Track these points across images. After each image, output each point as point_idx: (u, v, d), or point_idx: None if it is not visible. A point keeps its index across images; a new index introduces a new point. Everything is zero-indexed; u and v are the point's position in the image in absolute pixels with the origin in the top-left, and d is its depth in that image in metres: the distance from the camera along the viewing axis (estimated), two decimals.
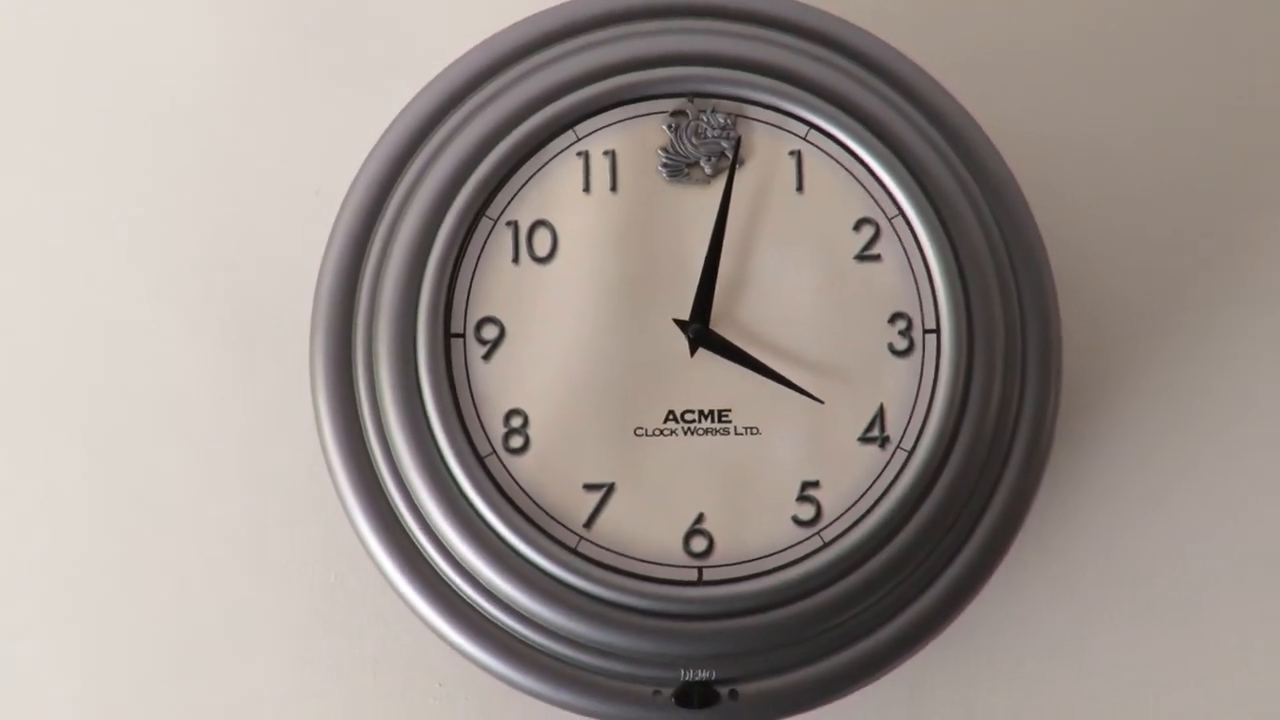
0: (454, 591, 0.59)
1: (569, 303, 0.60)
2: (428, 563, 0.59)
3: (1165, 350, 0.70)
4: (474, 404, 0.59)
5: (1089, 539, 0.68)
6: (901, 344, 0.60)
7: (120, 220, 0.69)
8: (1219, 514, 0.69)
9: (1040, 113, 0.70)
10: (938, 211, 0.60)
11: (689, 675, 0.58)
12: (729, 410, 0.59)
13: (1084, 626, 0.68)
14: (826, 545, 0.58)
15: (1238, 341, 0.70)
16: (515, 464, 0.59)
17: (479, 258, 0.60)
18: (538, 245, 0.60)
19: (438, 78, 0.63)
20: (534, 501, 0.59)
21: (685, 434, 0.59)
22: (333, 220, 0.62)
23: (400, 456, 0.59)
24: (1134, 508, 0.69)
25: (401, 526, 0.59)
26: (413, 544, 0.59)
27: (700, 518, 0.59)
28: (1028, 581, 0.68)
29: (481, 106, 0.62)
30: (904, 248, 0.61)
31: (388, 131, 0.62)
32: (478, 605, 0.59)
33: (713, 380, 0.59)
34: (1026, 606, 0.68)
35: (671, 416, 0.59)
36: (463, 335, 0.59)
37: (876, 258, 0.61)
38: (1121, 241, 0.71)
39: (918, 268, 0.61)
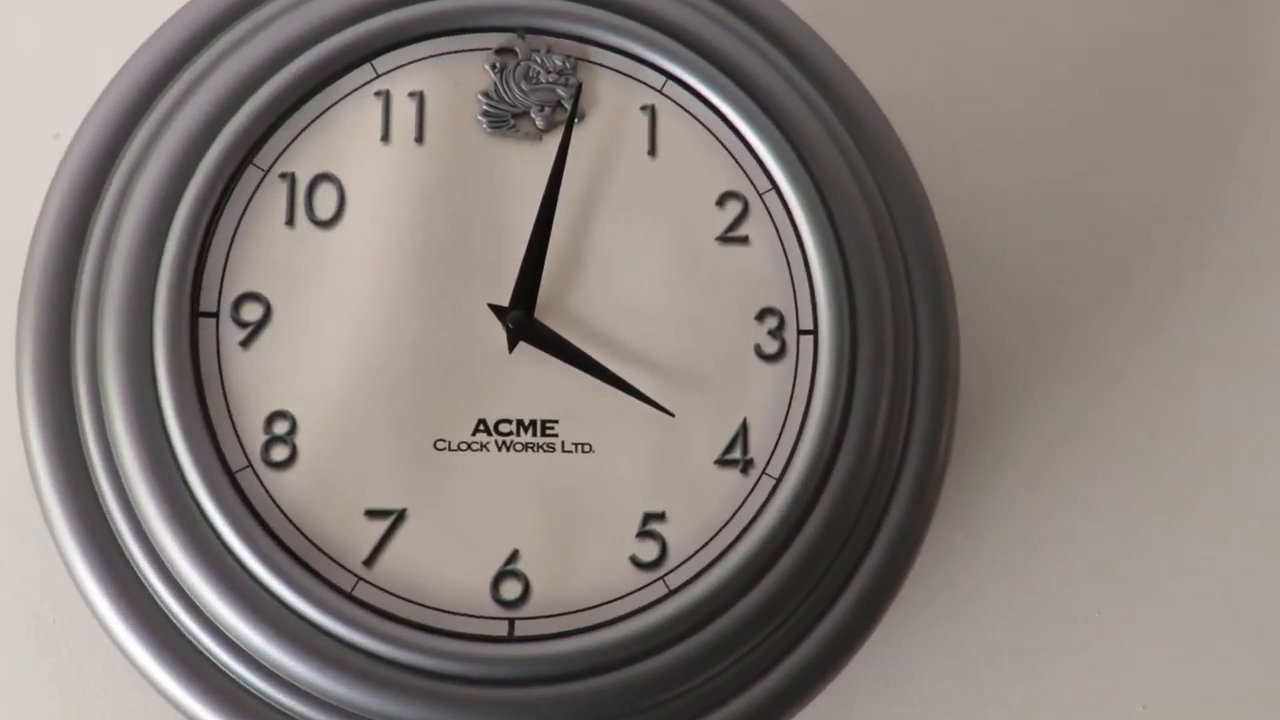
0: (195, 649, 0.51)
1: (356, 279, 0.52)
2: (162, 612, 0.51)
3: (1072, 354, 0.66)
4: (226, 403, 0.51)
5: (987, 586, 0.63)
6: (771, 346, 0.54)
7: None
8: (1136, 549, 0.64)
9: (937, 77, 0.66)
10: (818, 188, 0.54)
11: None
12: (555, 421, 0.52)
13: (982, 691, 0.62)
14: (672, 593, 0.51)
15: (1151, 338, 0.67)
16: (277, 482, 0.51)
17: (241, 218, 0.52)
18: (319, 205, 0.53)
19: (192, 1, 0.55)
20: (300, 531, 0.50)
21: (499, 449, 0.52)
22: None
23: (127, 472, 0.50)
24: (1043, 546, 0.64)
25: (127, 563, 0.51)
26: (142, 586, 0.51)
27: (514, 556, 0.51)
28: (913, 640, 0.62)
29: (255, 31, 0.54)
30: (777, 229, 0.55)
31: (131, 60, 0.54)
32: (225, 667, 0.51)
33: (536, 383, 0.53)
34: (911, 668, 0.62)
35: (482, 427, 0.52)
36: (215, 315, 0.51)
37: (743, 240, 0.54)
38: (1025, 235, 0.67)
39: (793, 255, 0.55)
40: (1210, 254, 0.67)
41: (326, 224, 0.53)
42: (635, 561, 0.52)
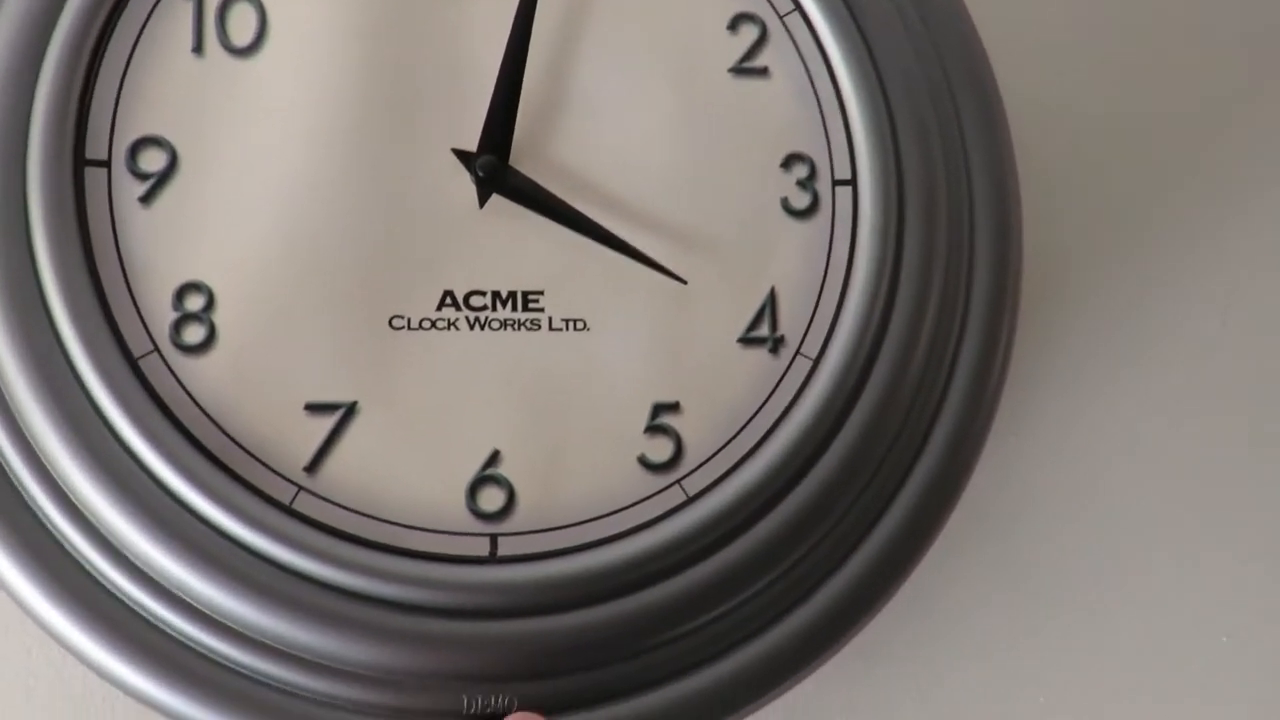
0: (96, 583, 0.46)
1: (283, 119, 0.47)
2: (52, 537, 0.46)
3: (1151, 222, 0.61)
4: (124, 274, 0.46)
5: (1045, 500, 0.58)
6: (801, 200, 0.50)
7: None
8: (1212, 458, 0.59)
9: None
10: (849, 6, 0.51)
11: (476, 707, 0.46)
12: (539, 293, 0.48)
13: (1041, 622, 0.57)
14: (689, 501, 0.47)
15: (1228, 238, 0.61)
16: (192, 370, 0.46)
17: (136, 43, 0.47)
18: (235, 28, 0.48)
19: None
20: (221, 429, 0.45)
21: (471, 327, 0.47)
22: None
23: (1, 360, 0.45)
24: (1107, 448, 0.58)
25: (5, 478, 0.46)
26: (25, 506, 0.46)
27: (494, 458, 0.46)
28: (961, 563, 0.56)
29: None
30: (802, 58, 0.51)
31: None
32: (135, 604, 0.45)
33: (514, 247, 0.48)
34: (960, 598, 0.56)
35: (449, 301, 0.47)
36: (106, 164, 0.46)
37: (762, 72, 0.50)
38: (1094, 98, 0.61)
39: (822, 89, 0.50)
40: None
41: (244, 52, 0.48)
42: (644, 463, 0.47)
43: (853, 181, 0.49)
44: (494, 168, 0.47)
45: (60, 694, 0.51)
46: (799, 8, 0.50)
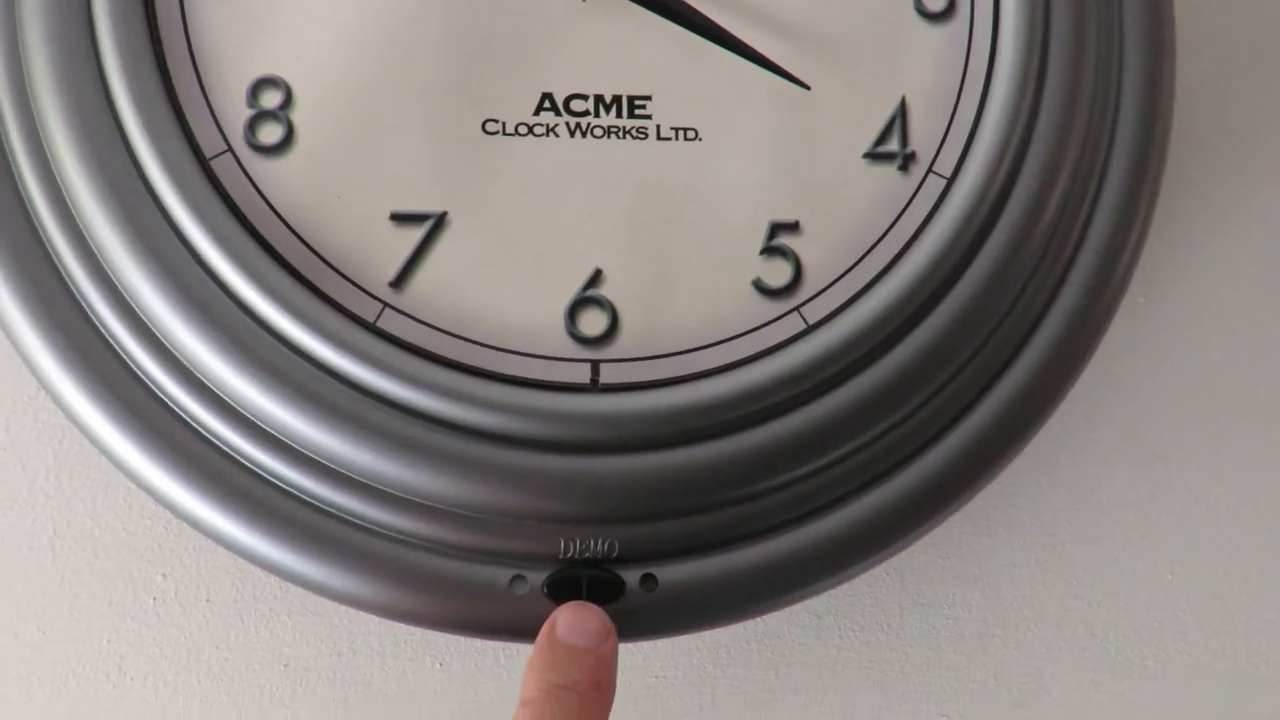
0: (161, 403, 0.44)
1: None
2: (120, 361, 0.44)
3: None
4: (195, 66, 0.43)
5: (1174, 367, 0.54)
6: (937, 1, 0.47)
7: None
8: None
9: None
10: None
11: (573, 551, 0.44)
12: (647, 99, 0.45)
13: (1166, 490, 0.54)
14: (810, 329, 0.45)
15: None
16: (268, 172, 0.43)
17: None
18: None
19: None
20: (299, 238, 0.43)
21: (572, 134, 0.45)
22: None
23: (60, 158, 0.42)
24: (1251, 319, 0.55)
25: (69, 295, 0.43)
26: (91, 327, 0.44)
27: (596, 277, 0.44)
28: (1086, 432, 0.53)
29: None
30: None
31: None
32: (205, 427, 0.43)
33: (620, 47, 0.45)
34: (1081, 465, 0.53)
35: (548, 104, 0.45)
36: None
37: None
38: None
39: None
40: None
41: None
42: (760, 287, 0.45)
43: None
44: None
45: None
46: None
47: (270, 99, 0.43)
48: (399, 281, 0.43)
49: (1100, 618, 0.53)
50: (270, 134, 0.43)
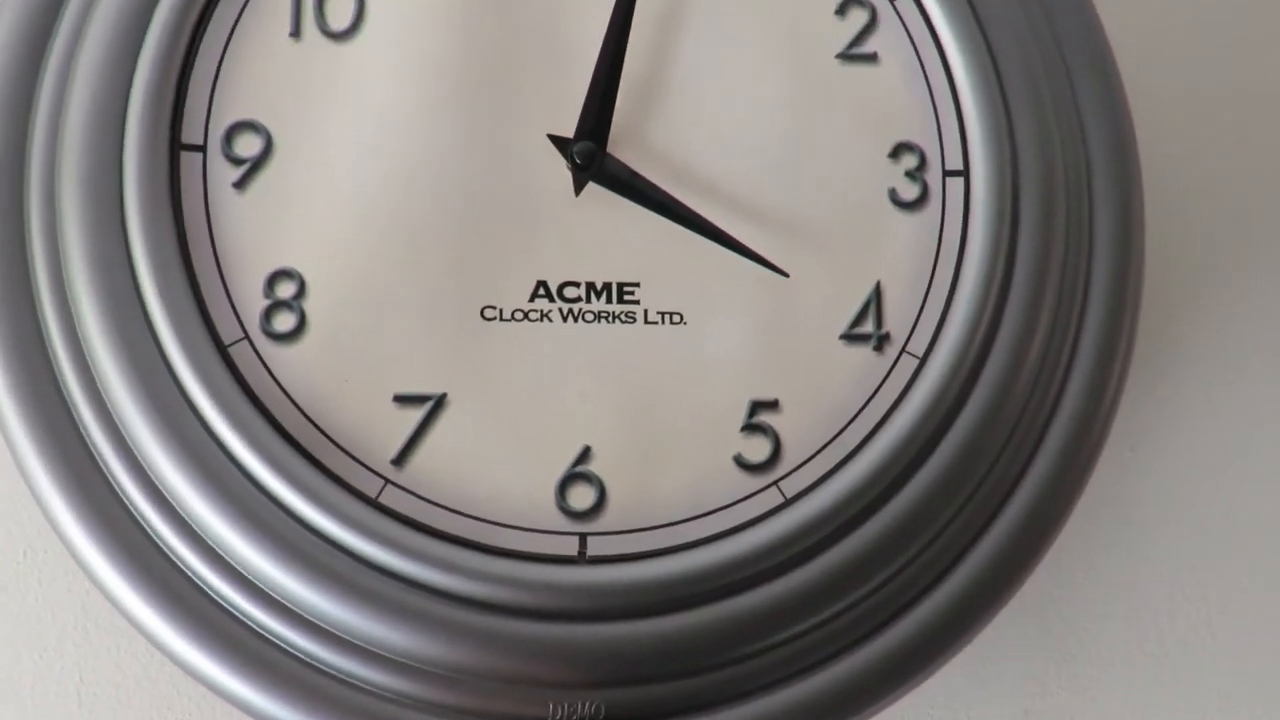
0: (185, 578, 0.46)
1: (378, 104, 0.48)
2: (142, 530, 0.46)
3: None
4: (216, 259, 0.46)
5: (1161, 515, 0.57)
6: (910, 191, 0.49)
7: None
8: None
9: None
10: None
11: (561, 713, 0.46)
12: (635, 285, 0.48)
13: (1153, 642, 0.56)
14: (788, 503, 0.47)
15: None
16: (282, 358, 0.46)
17: (234, 29, 0.48)
18: (333, 11, 0.48)
19: None
20: (309, 420, 0.46)
21: (565, 319, 0.47)
22: None
23: (92, 346, 0.46)
24: (1227, 467, 0.58)
25: (97, 469, 0.46)
26: (116, 498, 0.46)
27: (585, 454, 0.47)
28: (1071, 580, 0.56)
29: None
30: (913, 44, 0.50)
31: None
32: (222, 599, 0.46)
33: (610, 237, 0.48)
34: (1068, 615, 0.56)
35: (543, 291, 0.48)
36: (202, 148, 0.47)
37: (871, 58, 0.50)
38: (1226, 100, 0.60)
39: (934, 76, 0.50)
40: None
41: (342, 36, 0.48)
42: (740, 462, 0.47)
43: (965, 173, 0.49)
44: (591, 154, 0.47)
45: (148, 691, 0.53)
46: None
47: (285, 290, 0.46)
48: (400, 459, 0.45)
49: None
50: (284, 322, 0.46)
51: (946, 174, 0.49)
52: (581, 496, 0.46)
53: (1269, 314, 0.61)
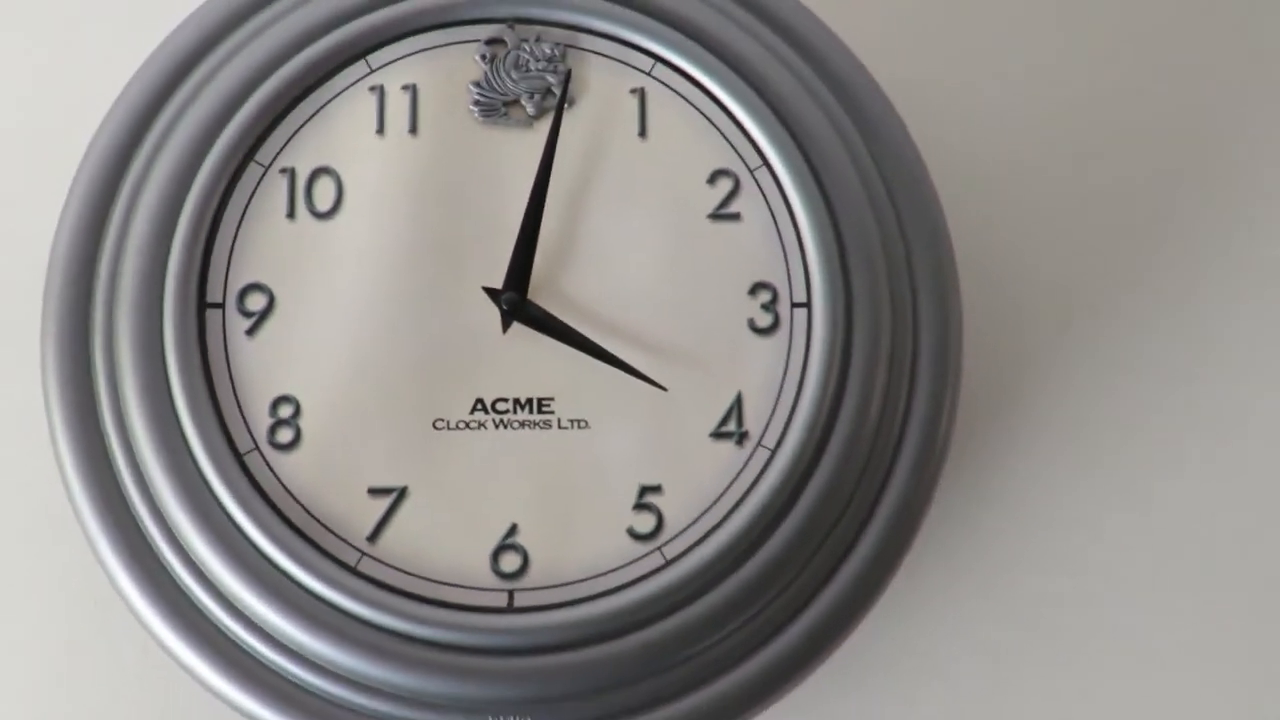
0: (212, 623, 0.53)
1: (355, 267, 0.55)
2: (179, 589, 0.53)
3: (1084, 339, 0.66)
4: (233, 389, 0.53)
5: (991, 555, 0.64)
6: (764, 320, 0.55)
7: None
8: (1143, 526, 0.65)
9: (941, 62, 0.68)
10: (809, 162, 0.56)
11: None
12: (551, 399, 0.54)
13: (990, 661, 0.63)
14: (669, 563, 0.53)
15: (1165, 329, 0.67)
16: (283, 463, 0.53)
17: (244, 212, 0.55)
18: (319, 197, 0.55)
19: (207, 2, 0.58)
20: (305, 509, 0.53)
21: (497, 427, 0.54)
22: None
23: (143, 456, 0.53)
24: (1051, 519, 0.65)
25: (146, 542, 0.54)
26: (160, 564, 0.54)
27: (513, 529, 0.53)
28: (919, 611, 0.63)
29: (256, 34, 0.57)
30: (769, 205, 0.56)
31: (143, 66, 0.57)
32: (241, 641, 0.53)
33: (532, 363, 0.54)
34: (919, 641, 0.63)
35: (480, 406, 0.54)
36: (221, 305, 0.54)
37: (735, 217, 0.56)
38: (1034, 214, 0.67)
39: (785, 229, 0.56)
40: (1221, 248, 0.67)
41: (326, 215, 0.55)
42: (632, 533, 0.53)
43: (808, 304, 0.54)
44: (515, 302, 0.53)
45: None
46: (766, 163, 0.55)
47: (285, 411, 0.53)
48: (373, 536, 0.52)
49: None
50: (284, 436, 0.53)
51: (794, 305, 0.54)
52: (510, 561, 0.52)
53: (1085, 411, 0.65)
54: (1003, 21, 0.69)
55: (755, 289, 0.55)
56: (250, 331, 0.54)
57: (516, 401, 0.54)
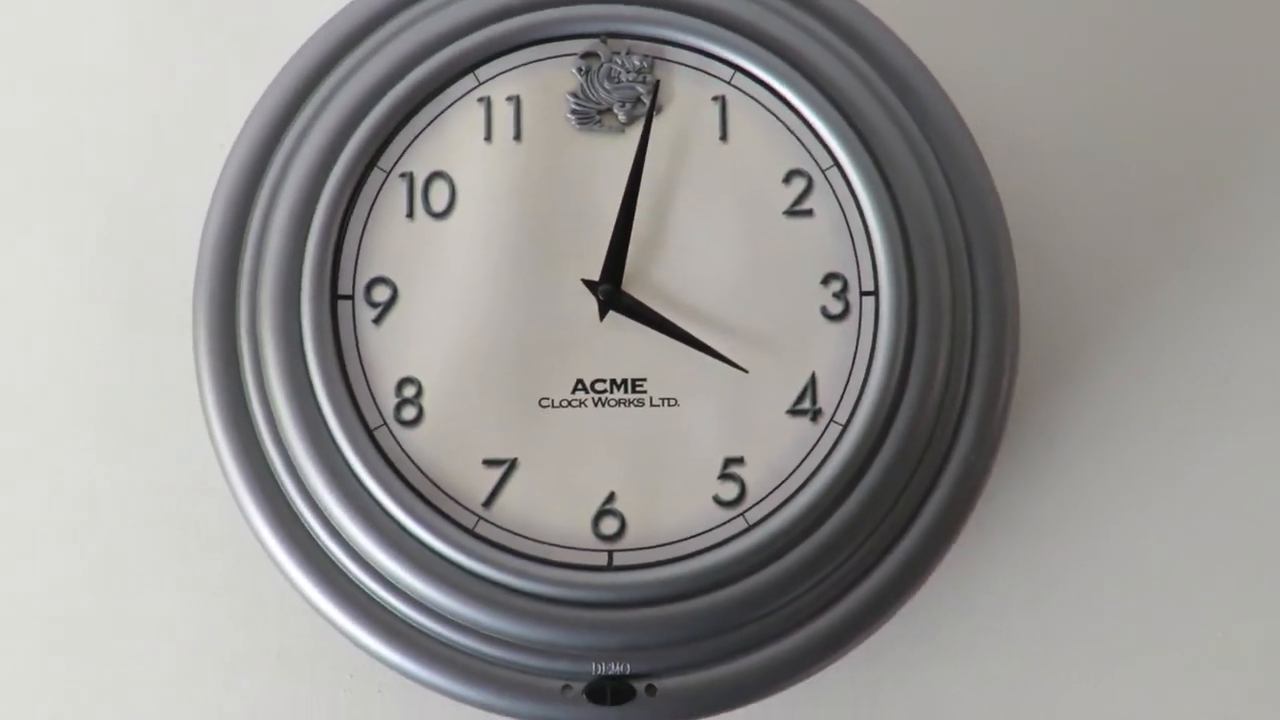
0: (347, 577, 0.58)
1: (467, 261, 0.59)
2: (318, 547, 0.58)
3: (1136, 321, 0.68)
4: (363, 372, 0.58)
5: (1048, 524, 0.67)
6: (836, 307, 0.59)
7: (20, 188, 0.69)
8: (1191, 500, 0.67)
9: (998, 56, 0.69)
10: (876, 162, 0.59)
11: (602, 669, 0.56)
12: (643, 380, 0.58)
13: (1043, 619, 0.66)
14: (751, 528, 0.57)
15: (1221, 312, 0.68)
16: (407, 437, 0.58)
17: (369, 213, 0.59)
18: (434, 199, 0.59)
19: (331, 20, 0.62)
20: (428, 478, 0.57)
21: (595, 405, 0.58)
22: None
23: (286, 432, 0.58)
24: (1100, 491, 0.67)
25: (290, 507, 0.58)
26: (301, 526, 0.58)
27: (611, 497, 0.57)
28: (981, 571, 0.66)
29: (375, 50, 0.61)
30: (839, 202, 0.59)
31: (276, 79, 0.61)
32: (372, 592, 0.58)
33: (626, 347, 0.58)
34: (980, 598, 0.66)
35: (580, 386, 0.58)
36: (351, 297, 0.58)
37: (808, 213, 0.59)
38: (1088, 201, 0.69)
39: (854, 224, 0.59)
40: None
41: (441, 215, 0.59)
42: (717, 500, 0.57)
43: (875, 292, 0.58)
44: (611, 293, 0.57)
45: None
46: (837, 164, 0.59)
47: (408, 391, 0.57)
48: (488, 503, 0.56)
49: None
50: (409, 413, 0.57)
51: (862, 294, 0.58)
52: (609, 525, 0.56)
53: (1139, 381, 0.67)
54: (1051, 7, 0.70)
55: (827, 279, 0.59)
56: (377, 320, 0.58)
57: (613, 382, 0.58)
